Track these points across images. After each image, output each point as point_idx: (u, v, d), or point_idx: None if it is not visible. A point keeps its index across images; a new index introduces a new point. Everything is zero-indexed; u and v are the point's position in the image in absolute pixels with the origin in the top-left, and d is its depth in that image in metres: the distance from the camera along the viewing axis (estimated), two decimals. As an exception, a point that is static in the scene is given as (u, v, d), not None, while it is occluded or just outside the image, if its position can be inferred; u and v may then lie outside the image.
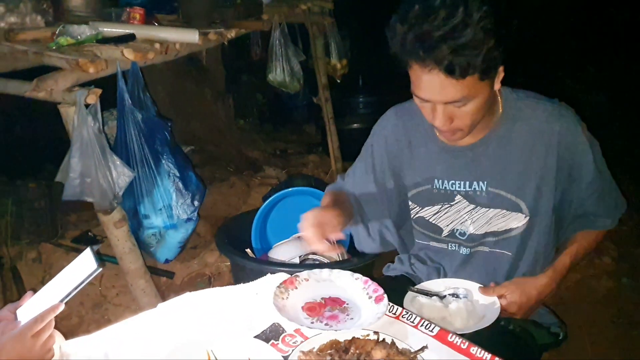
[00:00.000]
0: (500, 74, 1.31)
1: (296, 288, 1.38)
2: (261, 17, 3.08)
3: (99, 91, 2.02)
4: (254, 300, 1.37)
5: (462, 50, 1.15)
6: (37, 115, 2.41)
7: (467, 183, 1.49)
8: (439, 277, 1.59)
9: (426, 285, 1.52)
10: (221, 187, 3.85)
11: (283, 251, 2.54)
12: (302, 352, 1.14)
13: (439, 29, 1.15)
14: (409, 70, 1.27)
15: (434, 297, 1.44)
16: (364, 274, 1.41)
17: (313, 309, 1.32)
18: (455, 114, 1.29)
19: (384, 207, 1.65)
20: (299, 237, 2.63)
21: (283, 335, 1.25)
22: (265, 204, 2.67)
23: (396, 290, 1.42)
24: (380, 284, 1.36)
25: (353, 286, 1.39)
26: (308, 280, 1.42)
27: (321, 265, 2.33)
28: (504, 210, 1.47)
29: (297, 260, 2.42)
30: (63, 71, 2.00)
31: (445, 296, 1.45)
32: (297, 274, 1.42)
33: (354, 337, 1.18)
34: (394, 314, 1.31)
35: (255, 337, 1.23)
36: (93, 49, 2.10)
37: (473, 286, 1.47)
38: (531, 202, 1.45)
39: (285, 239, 2.62)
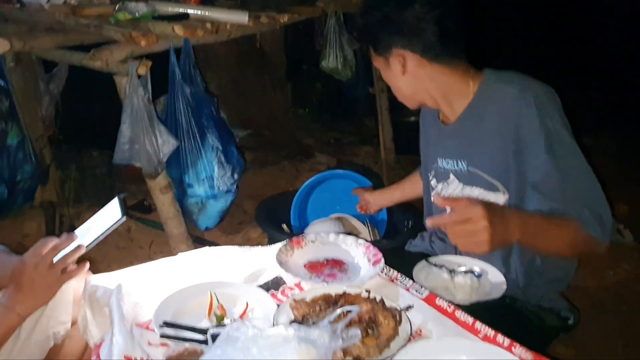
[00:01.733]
0: (406, 60, 1.44)
1: (302, 248, 1.47)
2: (315, 4, 3.17)
3: (149, 63, 2.17)
4: (266, 257, 1.46)
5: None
6: (111, 91, 2.60)
7: (455, 162, 1.55)
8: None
9: (443, 258, 1.54)
10: (272, 170, 3.98)
11: (319, 229, 2.59)
12: (295, 300, 1.22)
13: None
14: None
15: (443, 268, 1.47)
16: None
17: (314, 267, 1.40)
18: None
19: None
20: (337, 217, 2.70)
21: (283, 287, 1.33)
22: (306, 183, 2.74)
23: (413, 263, 1.46)
24: (399, 258, 1.42)
25: (356, 250, 1.46)
26: (314, 242, 1.50)
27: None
28: (484, 190, 1.49)
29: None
30: (118, 43, 2.17)
31: (454, 270, 1.47)
32: (304, 235, 1.50)
33: (345, 292, 1.25)
34: (390, 277, 1.37)
35: (258, 286, 1.33)
36: (148, 24, 2.26)
37: (490, 269, 1.47)
38: (505, 183, 1.45)
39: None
